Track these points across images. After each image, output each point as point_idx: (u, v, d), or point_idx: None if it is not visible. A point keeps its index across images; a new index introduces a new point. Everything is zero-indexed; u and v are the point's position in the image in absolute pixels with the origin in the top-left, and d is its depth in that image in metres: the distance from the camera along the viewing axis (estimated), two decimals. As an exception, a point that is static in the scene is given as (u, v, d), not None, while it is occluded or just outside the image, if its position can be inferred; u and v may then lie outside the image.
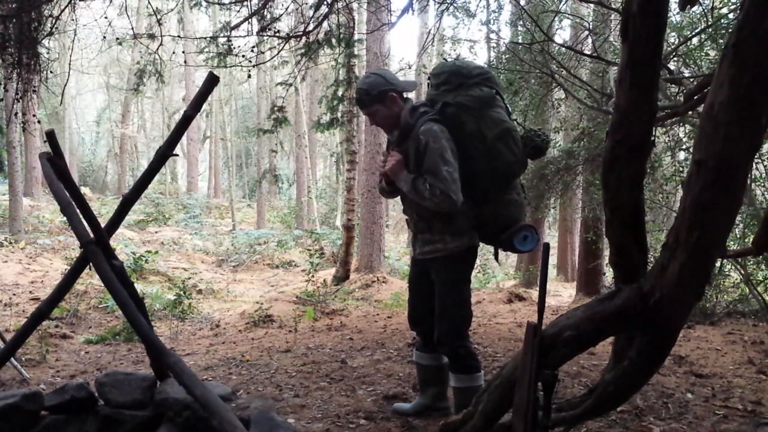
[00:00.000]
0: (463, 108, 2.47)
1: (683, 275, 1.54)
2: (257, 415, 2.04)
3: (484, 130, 2.46)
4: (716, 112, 1.40)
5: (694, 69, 5.01)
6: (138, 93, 7.11)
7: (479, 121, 2.46)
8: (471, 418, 1.89)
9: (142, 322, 1.89)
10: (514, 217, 2.56)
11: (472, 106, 2.47)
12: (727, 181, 1.44)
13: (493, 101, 2.50)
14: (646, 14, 1.43)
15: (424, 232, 2.58)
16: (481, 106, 2.47)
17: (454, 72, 2.54)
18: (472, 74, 2.52)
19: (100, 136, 28.86)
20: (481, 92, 2.48)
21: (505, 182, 2.53)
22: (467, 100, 2.47)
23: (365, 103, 2.57)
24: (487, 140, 2.45)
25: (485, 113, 2.47)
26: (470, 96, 2.48)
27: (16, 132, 11.13)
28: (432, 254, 2.56)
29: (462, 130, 2.46)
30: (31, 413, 2.09)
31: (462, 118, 2.46)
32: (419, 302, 2.71)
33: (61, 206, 2.05)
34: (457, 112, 2.47)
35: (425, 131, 2.43)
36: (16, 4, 4.35)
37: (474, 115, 2.46)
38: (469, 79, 2.50)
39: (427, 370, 2.79)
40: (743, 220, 5.32)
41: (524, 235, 2.54)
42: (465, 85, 2.50)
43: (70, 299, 6.59)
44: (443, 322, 2.52)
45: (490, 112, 2.48)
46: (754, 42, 1.32)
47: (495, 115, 2.49)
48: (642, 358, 1.68)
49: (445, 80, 2.55)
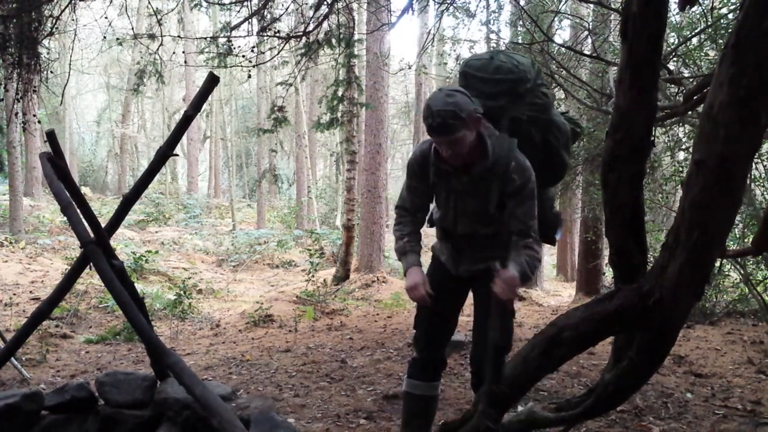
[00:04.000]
0: (531, 121, 2.16)
1: (683, 275, 1.54)
2: (257, 415, 2.04)
3: (551, 140, 2.21)
4: (716, 112, 1.40)
5: (694, 69, 5.01)
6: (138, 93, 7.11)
7: (545, 130, 2.20)
8: (471, 418, 1.89)
9: (143, 322, 1.89)
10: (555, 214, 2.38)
11: (539, 117, 2.17)
12: (727, 181, 1.44)
13: (553, 105, 2.25)
14: (646, 14, 1.43)
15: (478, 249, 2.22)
16: (546, 112, 2.20)
17: (521, 80, 2.13)
18: (531, 77, 2.16)
19: (100, 136, 28.86)
20: (545, 99, 2.19)
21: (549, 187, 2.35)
22: (534, 110, 2.16)
23: (453, 129, 1.94)
24: (553, 150, 2.22)
25: (551, 120, 2.20)
26: (536, 105, 2.16)
27: (17, 132, 11.13)
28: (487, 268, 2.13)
29: (531, 145, 2.16)
30: (31, 413, 2.09)
31: (532, 132, 2.17)
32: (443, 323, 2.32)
33: (62, 206, 2.05)
34: (528, 127, 2.16)
35: (520, 171, 2.03)
36: (16, 4, 4.35)
37: (541, 125, 2.18)
38: (531, 84, 2.15)
39: (417, 401, 2.35)
40: (743, 220, 5.32)
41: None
42: (528, 92, 2.15)
43: (70, 299, 6.59)
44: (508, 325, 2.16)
45: (553, 117, 2.22)
46: (754, 42, 1.32)
47: (558, 119, 2.24)
48: (642, 357, 1.68)
49: (507, 90, 2.13)
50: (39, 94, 5.55)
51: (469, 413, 1.91)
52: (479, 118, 2.00)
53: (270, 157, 18.29)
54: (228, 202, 21.35)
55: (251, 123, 23.95)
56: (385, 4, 7.80)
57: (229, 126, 24.21)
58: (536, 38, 5.63)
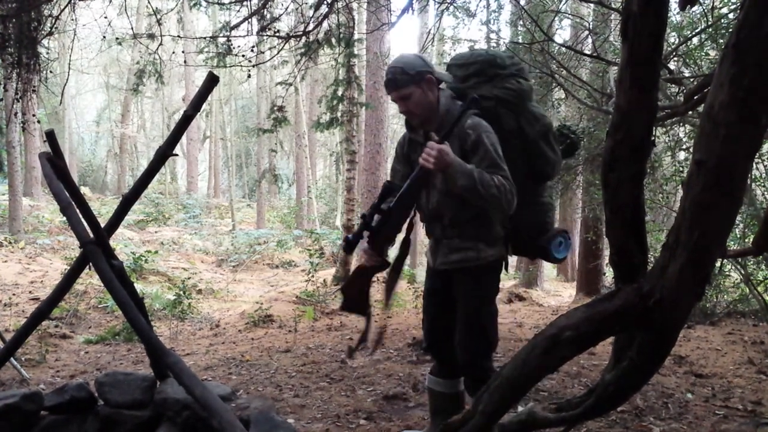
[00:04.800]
0: (501, 102, 2.18)
1: (683, 275, 1.53)
2: (257, 415, 2.04)
3: (525, 126, 2.20)
4: (716, 112, 1.40)
5: (694, 69, 5.01)
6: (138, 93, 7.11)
7: (519, 116, 2.20)
8: (471, 418, 1.89)
9: (142, 322, 1.89)
10: (549, 222, 2.31)
11: (510, 100, 2.18)
12: (727, 181, 1.44)
13: (531, 94, 2.26)
14: (646, 14, 1.43)
15: (452, 238, 2.22)
16: (520, 99, 2.20)
17: (489, 62, 2.22)
18: (506, 64, 2.22)
19: (99, 136, 28.85)
20: (519, 84, 2.20)
21: (542, 183, 2.30)
22: (506, 94, 2.18)
23: (399, 83, 2.12)
24: (528, 138, 2.20)
25: (524, 108, 2.20)
26: (508, 89, 2.18)
27: (16, 132, 11.12)
28: (460, 264, 2.20)
29: (500, 128, 2.16)
30: (30, 413, 2.08)
31: (500, 113, 2.18)
32: (437, 320, 2.37)
33: (61, 206, 2.05)
34: (495, 106, 2.18)
35: (474, 126, 2.09)
36: (16, 4, 4.35)
37: (513, 111, 2.19)
38: (504, 70, 2.21)
39: (441, 397, 2.40)
40: (743, 220, 5.32)
41: (559, 241, 2.28)
42: (500, 77, 2.20)
43: (69, 299, 6.59)
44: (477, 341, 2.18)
45: (530, 106, 2.22)
46: (754, 42, 1.32)
47: (536, 109, 2.24)
48: (642, 358, 1.68)
49: (477, 71, 2.23)
50: (38, 94, 5.55)
51: (470, 413, 1.91)
52: (430, 78, 2.13)
53: (270, 157, 18.29)
54: (228, 202, 21.36)
55: (251, 123, 23.94)
56: (385, 4, 7.80)
57: (229, 126, 24.22)
58: (536, 38, 5.63)
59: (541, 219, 2.30)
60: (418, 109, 2.17)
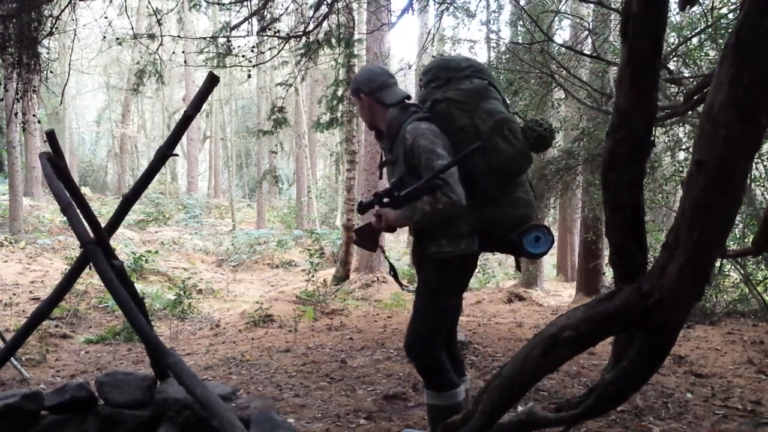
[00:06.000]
0: (453, 103, 2.29)
1: (683, 275, 1.54)
2: (257, 415, 2.04)
3: (478, 123, 2.26)
4: (716, 112, 1.40)
5: (694, 69, 5.01)
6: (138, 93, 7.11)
7: (472, 114, 2.28)
8: (471, 417, 1.89)
9: (142, 322, 1.89)
10: (522, 216, 2.31)
11: (462, 99, 2.29)
12: (727, 181, 1.44)
13: (486, 93, 2.31)
14: (646, 14, 1.43)
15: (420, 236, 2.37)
16: (472, 99, 2.29)
17: (442, 66, 2.38)
18: (461, 67, 2.35)
19: (100, 136, 28.87)
20: (471, 84, 2.31)
21: (508, 179, 2.30)
22: (457, 94, 2.30)
23: (351, 93, 2.54)
24: (482, 134, 2.25)
25: (478, 106, 2.29)
26: (460, 89, 2.30)
27: (16, 132, 11.13)
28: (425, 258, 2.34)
29: (454, 127, 2.28)
30: (31, 413, 2.09)
31: (453, 113, 2.29)
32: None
33: (61, 206, 2.05)
34: (447, 107, 2.30)
35: (411, 131, 2.24)
36: (16, 4, 4.35)
37: (466, 110, 2.28)
38: (459, 73, 2.33)
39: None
40: (743, 220, 5.32)
41: (536, 236, 2.27)
42: (454, 80, 2.33)
43: (70, 299, 6.59)
44: (414, 326, 2.32)
45: (483, 104, 2.29)
46: (754, 42, 1.32)
47: (488, 106, 2.29)
48: (642, 358, 1.68)
49: (433, 77, 2.39)
50: (39, 94, 5.54)
51: (470, 413, 1.91)
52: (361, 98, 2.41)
53: (270, 158, 18.30)
54: (228, 202, 21.36)
55: (251, 123, 23.96)
56: (385, 4, 7.80)
57: (229, 126, 24.21)
58: (536, 38, 5.63)
59: (512, 214, 2.31)
60: (363, 118, 2.51)
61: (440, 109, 2.31)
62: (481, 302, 8.41)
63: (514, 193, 2.32)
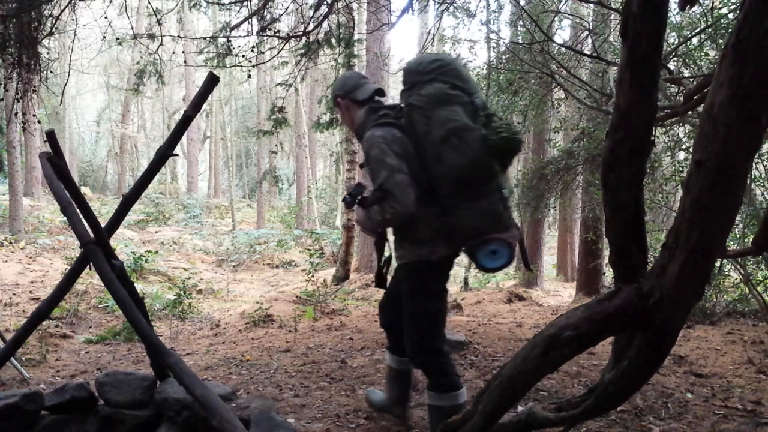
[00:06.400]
0: (413, 108, 2.27)
1: (683, 275, 1.54)
2: (257, 415, 2.04)
3: (433, 131, 2.22)
4: (716, 112, 1.40)
5: (694, 69, 5.01)
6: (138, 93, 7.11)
7: (429, 121, 2.23)
8: (471, 417, 1.89)
9: (142, 322, 1.89)
10: (479, 227, 2.21)
11: (421, 105, 2.26)
12: (727, 181, 1.44)
13: (445, 98, 2.24)
14: (646, 14, 1.43)
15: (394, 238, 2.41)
16: (430, 104, 2.24)
17: (408, 70, 2.37)
18: (426, 70, 2.29)
19: (100, 136, 28.88)
20: (431, 89, 2.25)
21: (464, 188, 2.21)
22: (416, 100, 2.27)
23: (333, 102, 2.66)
24: (435, 143, 2.22)
25: (435, 113, 2.23)
26: (420, 95, 2.27)
27: (16, 132, 11.13)
28: (398, 260, 2.42)
29: (416, 133, 2.26)
30: (31, 413, 2.09)
31: (414, 119, 2.27)
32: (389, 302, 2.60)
33: (61, 206, 2.05)
34: (409, 113, 2.29)
35: (367, 138, 2.27)
36: (16, 4, 4.35)
37: (425, 116, 2.24)
38: (423, 76, 2.29)
39: (389, 369, 2.77)
40: (743, 220, 5.32)
41: (492, 249, 2.20)
42: (419, 84, 2.29)
43: (70, 299, 6.59)
44: (405, 335, 2.39)
45: (439, 111, 2.23)
46: (754, 42, 1.32)
47: (443, 114, 2.22)
48: (642, 358, 1.68)
49: (404, 80, 2.37)
50: (39, 94, 5.55)
51: (469, 413, 1.91)
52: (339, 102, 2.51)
53: (270, 158, 18.30)
54: (228, 202, 21.36)
55: (251, 123, 23.96)
56: (385, 4, 7.80)
57: (229, 126, 24.22)
58: (536, 38, 5.63)
59: (468, 224, 2.23)
60: (346, 123, 2.59)
61: (405, 115, 2.32)
62: (481, 302, 8.41)
63: (475, 203, 2.22)
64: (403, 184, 2.17)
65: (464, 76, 2.32)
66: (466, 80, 2.32)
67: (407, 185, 2.18)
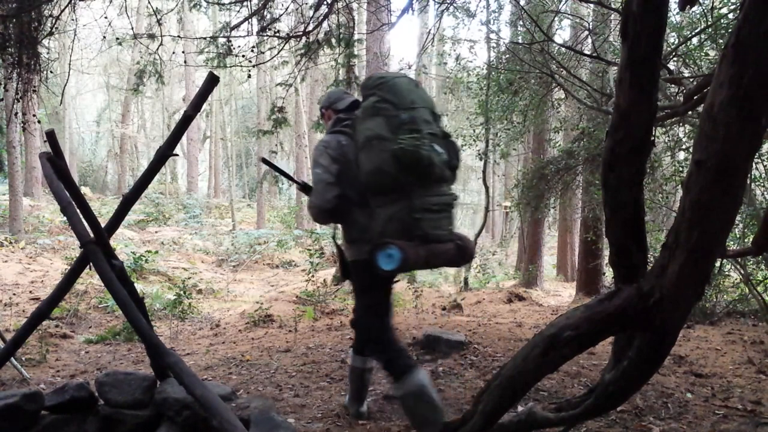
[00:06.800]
0: (356, 119, 2.54)
1: (683, 275, 1.54)
2: (257, 415, 2.04)
3: (359, 139, 2.48)
4: (716, 112, 1.40)
5: (694, 69, 5.01)
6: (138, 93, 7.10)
7: (358, 132, 2.50)
8: (471, 417, 1.89)
9: (142, 322, 1.89)
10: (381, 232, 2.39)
11: (359, 116, 2.51)
12: (727, 181, 1.44)
13: (372, 111, 2.45)
14: (646, 14, 1.43)
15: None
16: (363, 116, 2.49)
17: (362, 86, 2.65)
18: (371, 86, 2.53)
19: (100, 136, 28.87)
20: (367, 102, 2.50)
21: (372, 193, 2.43)
22: (358, 111, 2.54)
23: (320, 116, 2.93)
24: (358, 150, 2.48)
25: (363, 123, 2.47)
26: (361, 108, 2.54)
27: (16, 132, 11.13)
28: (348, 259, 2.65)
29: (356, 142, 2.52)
30: (31, 413, 2.09)
31: (356, 128, 2.53)
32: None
33: (61, 206, 2.05)
34: (353, 123, 2.56)
35: (318, 141, 2.62)
36: (16, 4, 4.35)
37: (358, 126, 2.51)
38: (369, 90, 2.52)
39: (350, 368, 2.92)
40: (743, 220, 5.32)
41: (388, 253, 2.32)
42: (365, 97, 2.55)
43: (70, 299, 6.59)
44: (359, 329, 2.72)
45: (366, 121, 2.46)
46: (754, 42, 1.32)
47: (367, 124, 2.45)
48: (642, 358, 1.68)
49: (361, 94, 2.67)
50: (39, 94, 5.54)
51: (469, 413, 1.91)
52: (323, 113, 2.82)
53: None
54: (228, 202, 21.35)
55: (251, 123, 23.96)
56: (385, 4, 7.79)
57: (229, 126, 24.22)
58: (536, 38, 5.64)
59: (373, 227, 2.43)
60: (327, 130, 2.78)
61: (352, 125, 2.58)
62: (481, 302, 8.41)
63: (384, 209, 2.39)
64: (324, 182, 2.48)
65: (400, 92, 2.46)
66: (400, 96, 2.45)
67: (327, 184, 2.47)
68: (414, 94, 2.48)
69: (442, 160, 2.44)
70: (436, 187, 2.44)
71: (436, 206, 2.43)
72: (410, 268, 2.41)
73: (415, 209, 2.37)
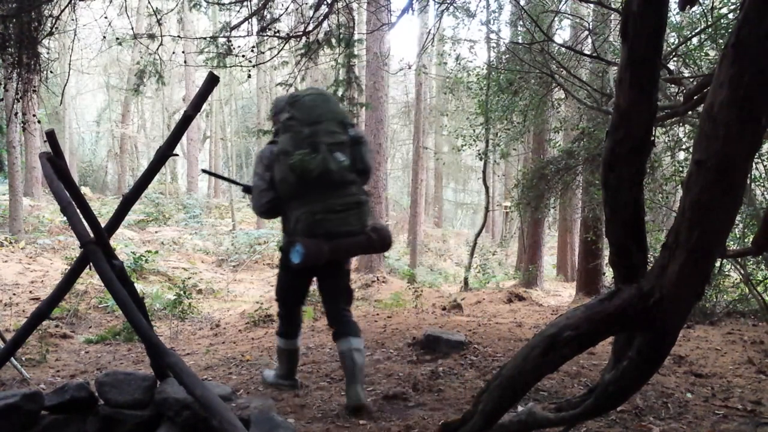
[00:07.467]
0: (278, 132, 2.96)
1: (683, 275, 1.54)
2: (257, 415, 2.04)
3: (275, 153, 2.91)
4: (716, 112, 1.40)
5: (694, 69, 5.01)
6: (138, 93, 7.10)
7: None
8: (471, 417, 1.89)
9: (142, 322, 1.89)
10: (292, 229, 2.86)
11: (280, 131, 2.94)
12: (727, 181, 1.44)
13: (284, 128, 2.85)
14: (646, 14, 1.43)
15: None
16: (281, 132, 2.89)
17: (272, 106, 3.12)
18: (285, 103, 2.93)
19: (100, 136, 28.85)
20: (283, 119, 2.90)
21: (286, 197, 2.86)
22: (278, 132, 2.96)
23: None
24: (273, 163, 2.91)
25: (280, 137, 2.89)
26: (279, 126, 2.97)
27: (16, 132, 11.13)
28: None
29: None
30: (31, 413, 2.09)
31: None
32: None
33: (61, 206, 2.05)
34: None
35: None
36: (16, 4, 4.35)
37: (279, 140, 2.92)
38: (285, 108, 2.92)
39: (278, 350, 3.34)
40: (743, 220, 5.32)
41: (296, 249, 2.74)
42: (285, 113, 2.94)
43: (70, 299, 6.59)
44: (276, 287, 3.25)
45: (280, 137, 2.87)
46: (754, 42, 1.32)
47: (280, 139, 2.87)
48: (642, 358, 1.68)
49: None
50: (39, 94, 5.54)
51: (469, 413, 1.91)
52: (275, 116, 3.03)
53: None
54: (228, 202, 21.34)
55: (251, 123, 23.95)
56: (385, 4, 7.80)
57: (229, 126, 24.21)
58: (536, 38, 5.64)
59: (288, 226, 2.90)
60: None
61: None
62: (481, 302, 8.41)
63: (293, 211, 2.85)
64: (258, 189, 2.91)
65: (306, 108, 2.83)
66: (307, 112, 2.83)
67: (261, 191, 2.90)
68: (321, 108, 2.84)
69: (343, 167, 2.80)
70: (340, 190, 2.82)
71: (341, 206, 2.82)
72: (314, 261, 2.78)
73: (316, 211, 2.79)
